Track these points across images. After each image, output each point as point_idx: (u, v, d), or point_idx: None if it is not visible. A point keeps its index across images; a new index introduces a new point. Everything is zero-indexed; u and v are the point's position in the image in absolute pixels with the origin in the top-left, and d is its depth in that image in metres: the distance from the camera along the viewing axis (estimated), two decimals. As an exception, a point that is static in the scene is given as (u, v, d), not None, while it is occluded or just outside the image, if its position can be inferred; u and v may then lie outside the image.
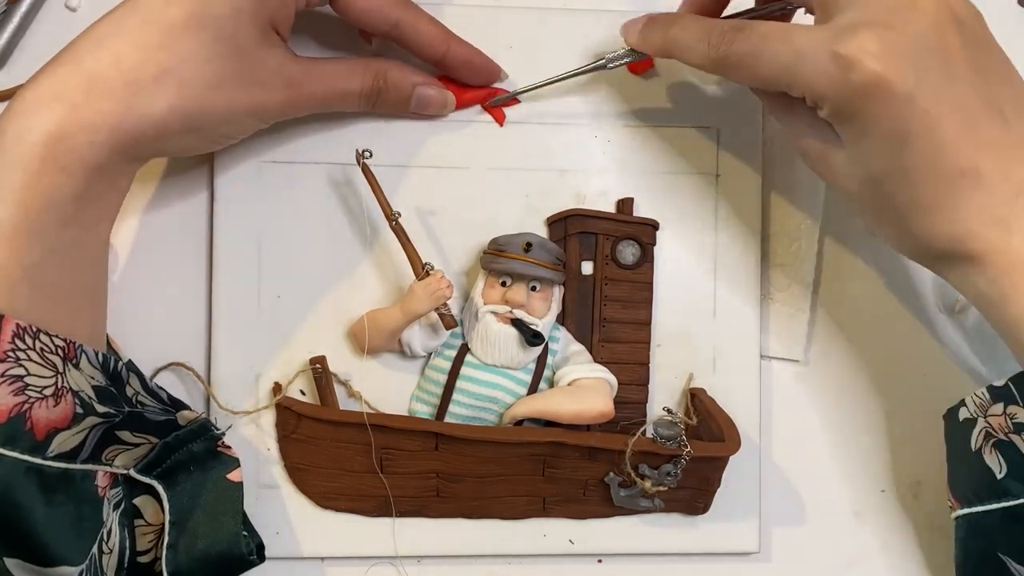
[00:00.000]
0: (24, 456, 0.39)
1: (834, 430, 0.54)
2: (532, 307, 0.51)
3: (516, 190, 0.53)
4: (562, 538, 0.53)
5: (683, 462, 0.49)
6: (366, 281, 0.52)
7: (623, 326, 0.53)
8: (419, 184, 0.53)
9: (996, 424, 0.45)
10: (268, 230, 0.52)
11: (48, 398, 0.40)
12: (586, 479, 0.51)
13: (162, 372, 0.51)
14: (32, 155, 0.39)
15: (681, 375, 0.54)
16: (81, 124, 0.40)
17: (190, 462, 0.46)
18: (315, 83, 0.47)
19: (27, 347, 0.39)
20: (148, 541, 0.47)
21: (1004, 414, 0.45)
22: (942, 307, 0.56)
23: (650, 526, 0.53)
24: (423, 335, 0.51)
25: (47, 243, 0.40)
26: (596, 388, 0.51)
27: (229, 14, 0.43)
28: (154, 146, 0.43)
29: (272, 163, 0.52)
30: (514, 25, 0.53)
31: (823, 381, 0.55)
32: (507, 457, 0.50)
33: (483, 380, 0.51)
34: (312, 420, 0.50)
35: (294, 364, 0.52)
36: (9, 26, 0.52)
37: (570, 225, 0.52)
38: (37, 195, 0.39)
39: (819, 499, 0.56)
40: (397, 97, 0.51)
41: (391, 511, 0.51)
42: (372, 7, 0.48)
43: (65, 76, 0.41)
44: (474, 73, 0.52)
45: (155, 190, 0.52)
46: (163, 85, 0.42)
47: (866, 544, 0.56)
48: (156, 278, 0.52)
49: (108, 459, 0.44)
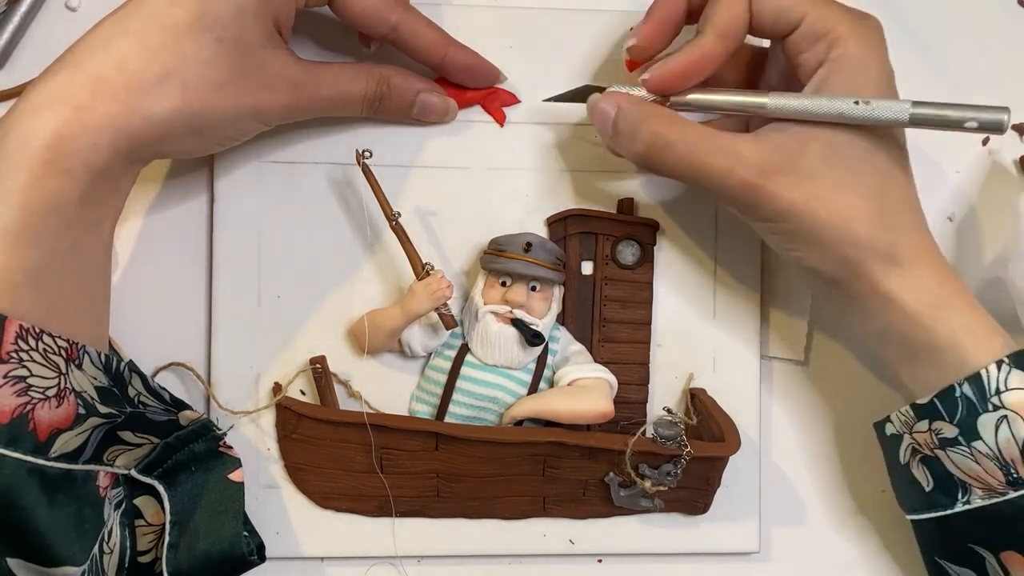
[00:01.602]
0: (26, 457, 0.39)
1: (834, 430, 0.54)
2: (532, 307, 0.51)
3: (516, 190, 0.53)
4: (562, 538, 0.53)
5: (683, 462, 0.49)
6: (366, 281, 0.52)
7: (623, 326, 0.53)
8: (419, 184, 0.53)
9: (922, 440, 0.47)
10: (268, 230, 0.52)
11: (51, 399, 0.40)
12: (586, 479, 0.51)
13: (162, 372, 0.51)
14: (35, 157, 0.39)
15: (681, 375, 0.54)
16: (85, 126, 0.40)
17: (191, 462, 0.46)
18: (318, 86, 0.47)
19: (30, 348, 0.39)
20: (148, 541, 0.47)
21: (929, 430, 0.46)
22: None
23: (650, 526, 0.53)
24: (423, 335, 0.51)
25: (50, 245, 0.40)
26: (596, 388, 0.51)
27: (233, 15, 0.42)
28: (157, 148, 0.43)
29: (272, 163, 0.52)
30: (514, 25, 0.53)
31: (823, 381, 0.55)
32: (507, 457, 0.50)
33: (483, 380, 0.51)
34: (312, 420, 0.50)
35: (294, 364, 0.52)
36: (9, 26, 0.52)
37: (570, 225, 0.52)
38: (40, 197, 0.39)
39: (819, 499, 0.56)
40: (400, 103, 0.50)
41: (391, 511, 0.51)
42: (370, 9, 0.47)
43: (69, 78, 0.41)
44: (473, 77, 0.52)
45: (155, 190, 0.52)
46: (167, 87, 0.42)
47: (866, 544, 0.56)
48: (156, 278, 0.52)
49: (110, 459, 0.44)
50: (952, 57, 0.57)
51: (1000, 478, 0.44)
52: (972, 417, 0.44)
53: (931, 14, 0.57)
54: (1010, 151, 0.56)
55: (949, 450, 0.45)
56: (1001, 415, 0.44)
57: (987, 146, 0.57)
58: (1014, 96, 0.57)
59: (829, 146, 0.45)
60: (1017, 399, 0.43)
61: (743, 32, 0.46)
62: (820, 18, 0.45)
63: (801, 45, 0.46)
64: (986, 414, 0.44)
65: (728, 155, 0.45)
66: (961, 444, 0.45)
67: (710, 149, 0.45)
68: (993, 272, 0.52)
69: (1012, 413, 0.43)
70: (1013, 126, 0.57)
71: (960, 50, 0.57)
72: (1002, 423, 0.44)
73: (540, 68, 0.53)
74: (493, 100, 0.53)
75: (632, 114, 0.46)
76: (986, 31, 0.57)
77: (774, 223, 0.46)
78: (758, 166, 0.45)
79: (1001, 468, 0.44)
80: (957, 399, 0.45)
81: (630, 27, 0.53)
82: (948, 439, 0.45)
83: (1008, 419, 0.43)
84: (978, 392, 0.44)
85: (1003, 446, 0.44)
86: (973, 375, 0.44)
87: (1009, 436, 0.43)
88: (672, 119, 0.46)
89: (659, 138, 0.46)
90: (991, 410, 0.44)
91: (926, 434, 0.46)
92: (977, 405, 0.44)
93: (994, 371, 0.44)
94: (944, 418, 0.45)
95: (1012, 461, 0.44)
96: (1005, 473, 0.44)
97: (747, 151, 0.45)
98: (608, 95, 0.48)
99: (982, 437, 0.44)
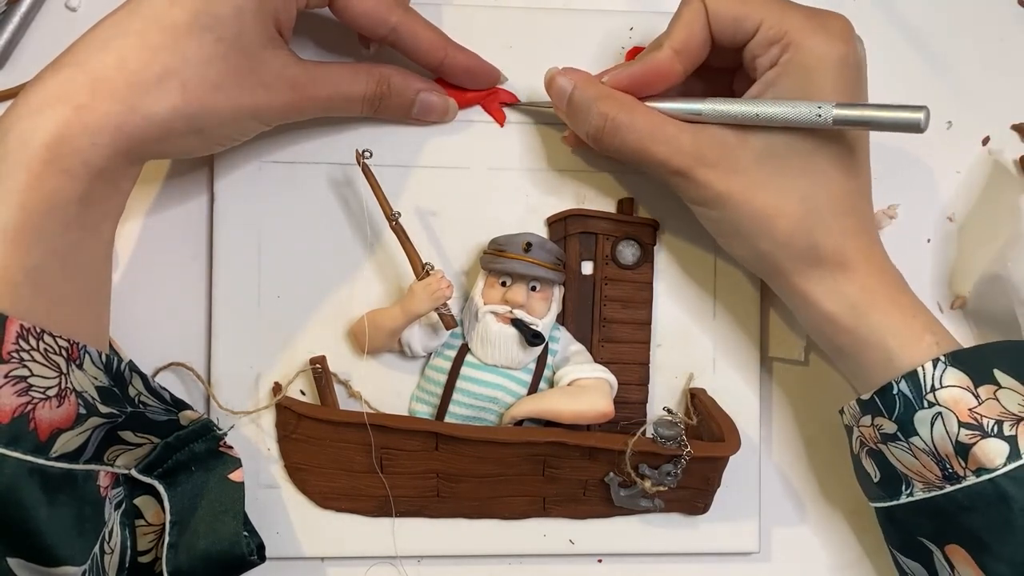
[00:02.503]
0: (27, 457, 0.39)
1: (834, 430, 0.54)
2: (532, 307, 0.51)
3: (516, 190, 0.53)
4: (562, 538, 0.53)
5: (683, 462, 0.49)
6: (366, 281, 0.52)
7: (623, 326, 0.53)
8: (419, 184, 0.53)
9: (867, 434, 0.48)
10: (268, 230, 0.52)
11: (51, 399, 0.40)
12: (586, 479, 0.51)
13: (162, 372, 0.51)
14: (35, 157, 0.39)
15: (681, 375, 0.54)
16: (84, 126, 0.40)
17: (191, 462, 0.46)
18: (318, 86, 0.47)
19: (31, 348, 0.39)
20: (149, 541, 0.47)
21: (872, 425, 0.47)
22: (941, 306, 0.56)
23: (650, 526, 0.53)
24: (423, 335, 0.51)
25: (50, 245, 0.40)
26: (596, 388, 0.51)
27: (233, 15, 0.42)
28: (157, 148, 0.43)
29: (272, 163, 0.52)
30: (514, 25, 0.53)
31: (823, 381, 0.55)
32: (507, 457, 0.50)
33: (483, 380, 0.51)
34: (312, 420, 0.50)
35: (294, 364, 0.52)
36: (9, 26, 0.52)
37: (570, 225, 0.52)
38: (40, 197, 0.39)
39: (819, 499, 0.56)
40: (399, 103, 0.51)
41: (391, 511, 0.51)
42: (370, 10, 0.47)
43: (69, 77, 0.41)
44: (473, 79, 0.52)
45: (155, 190, 0.52)
46: (167, 86, 0.42)
47: (866, 544, 0.56)
48: (156, 278, 0.52)
49: (110, 459, 0.44)
50: (952, 57, 0.57)
51: (937, 472, 0.45)
52: (909, 413, 0.45)
53: (931, 14, 0.57)
54: (1011, 151, 0.56)
55: (890, 444, 0.47)
56: (936, 412, 0.44)
57: (987, 146, 0.57)
58: (1014, 96, 0.57)
59: (767, 145, 0.46)
60: (951, 396, 0.44)
61: (702, 48, 0.47)
62: (775, 24, 0.45)
63: (756, 51, 0.46)
64: (922, 411, 0.45)
65: (669, 144, 0.47)
66: (900, 440, 0.46)
67: (655, 137, 0.47)
68: (993, 272, 0.52)
69: (946, 410, 0.44)
70: (1013, 126, 0.57)
71: (960, 50, 0.57)
72: (937, 420, 0.44)
73: (540, 68, 0.53)
74: (493, 100, 0.53)
75: (587, 93, 0.48)
76: (986, 31, 0.57)
77: (704, 208, 0.48)
78: (694, 156, 0.47)
79: (937, 463, 0.45)
80: (895, 396, 0.45)
81: (630, 27, 0.54)
82: (888, 434, 0.46)
83: (942, 416, 0.44)
84: (914, 389, 0.45)
85: (938, 442, 0.45)
86: (910, 372, 0.45)
87: (943, 433, 0.44)
88: (623, 102, 0.48)
89: (609, 121, 0.47)
90: (927, 407, 0.45)
91: (870, 428, 0.47)
92: (913, 402, 0.45)
93: (930, 369, 0.45)
94: (884, 414, 0.46)
95: (947, 457, 0.44)
96: (941, 468, 0.45)
97: (686, 142, 0.47)
98: (566, 71, 0.50)
99: (919, 433, 0.45)
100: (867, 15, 0.56)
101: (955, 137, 0.57)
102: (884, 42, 0.56)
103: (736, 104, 0.46)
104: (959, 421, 0.44)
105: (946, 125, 0.57)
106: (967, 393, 0.44)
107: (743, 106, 0.46)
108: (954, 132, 0.57)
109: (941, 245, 0.57)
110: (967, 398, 0.44)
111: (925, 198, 0.57)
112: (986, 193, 0.56)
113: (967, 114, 0.57)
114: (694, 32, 0.47)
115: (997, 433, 0.44)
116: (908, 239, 0.56)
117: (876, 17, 0.57)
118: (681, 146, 0.47)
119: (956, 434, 0.44)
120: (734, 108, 0.46)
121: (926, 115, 0.42)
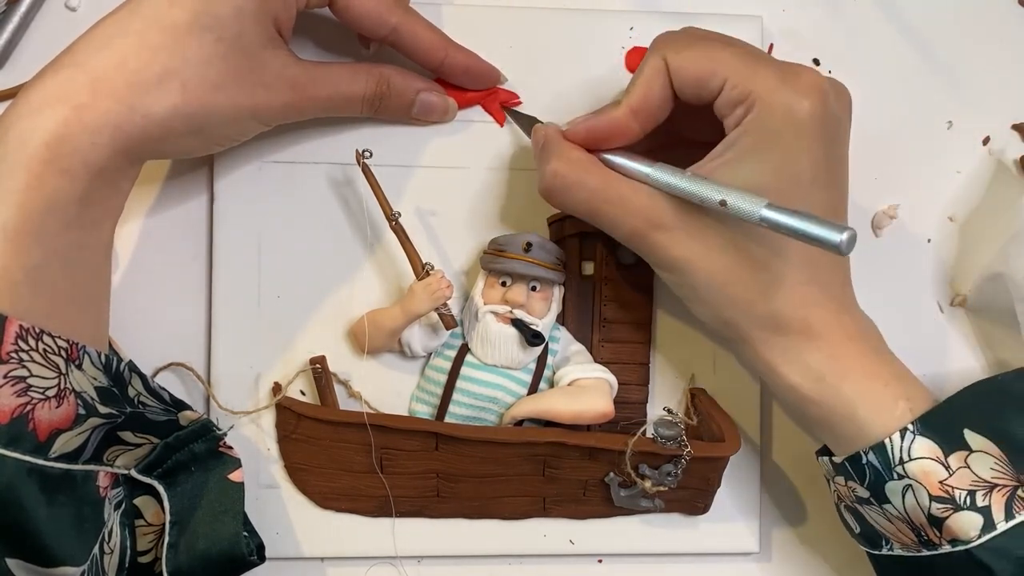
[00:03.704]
0: (26, 457, 0.39)
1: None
2: (532, 307, 0.51)
3: (516, 190, 0.53)
4: (562, 538, 0.53)
5: (683, 462, 0.49)
6: (366, 281, 0.52)
7: (623, 326, 0.53)
8: (419, 184, 0.53)
9: (843, 492, 0.47)
10: (268, 230, 0.52)
11: (51, 399, 0.40)
12: (586, 479, 0.51)
13: (162, 372, 0.51)
14: (34, 157, 0.39)
15: (681, 375, 0.54)
16: (84, 125, 0.40)
17: (191, 462, 0.46)
18: (318, 86, 0.47)
19: (30, 348, 0.39)
20: (148, 541, 0.47)
21: (847, 486, 0.46)
22: (942, 306, 0.56)
23: (650, 526, 0.53)
24: (423, 335, 0.51)
25: (49, 245, 0.40)
26: (596, 388, 0.51)
27: (233, 15, 0.42)
28: (156, 147, 0.43)
29: (272, 163, 0.52)
30: (514, 25, 0.53)
31: (823, 381, 0.55)
32: (507, 457, 0.50)
33: (483, 380, 0.51)
34: (312, 420, 0.50)
35: (294, 364, 0.52)
36: (9, 26, 0.52)
37: (570, 225, 0.52)
38: (39, 197, 0.39)
39: (819, 499, 0.56)
40: (399, 103, 0.50)
41: (391, 511, 0.51)
42: (370, 10, 0.47)
43: (69, 77, 0.41)
44: (473, 79, 0.52)
45: (155, 190, 0.52)
46: (166, 86, 0.42)
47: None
48: (156, 278, 0.52)
49: (109, 460, 0.44)
50: (952, 57, 0.57)
51: (913, 538, 0.45)
52: (880, 483, 0.44)
53: (931, 14, 0.57)
54: (1011, 151, 0.56)
55: (866, 507, 0.46)
56: (906, 484, 0.43)
57: (988, 146, 0.57)
58: (1014, 96, 0.57)
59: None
60: (920, 468, 0.43)
61: (660, 108, 0.46)
62: (739, 83, 0.43)
63: (722, 110, 0.44)
64: (892, 482, 0.44)
65: (621, 205, 0.46)
66: (874, 504, 0.45)
67: (607, 198, 0.46)
68: (994, 269, 0.52)
69: (916, 483, 0.43)
70: (1014, 126, 0.57)
71: (960, 50, 0.57)
72: (908, 491, 0.43)
73: (540, 68, 0.53)
74: (493, 100, 0.53)
75: (545, 149, 0.47)
76: (986, 31, 0.57)
77: (663, 272, 0.47)
78: (646, 218, 0.45)
79: (912, 531, 0.44)
80: (864, 466, 0.45)
81: (630, 27, 0.54)
82: (863, 498, 0.46)
83: (913, 488, 0.43)
84: (883, 461, 0.44)
85: (911, 512, 0.44)
86: (878, 444, 0.44)
87: (915, 504, 0.43)
88: (575, 161, 0.47)
89: (558, 179, 0.46)
90: (896, 479, 0.44)
91: (845, 488, 0.47)
92: (883, 473, 0.44)
93: (897, 440, 0.44)
94: (855, 480, 0.45)
95: (921, 526, 0.44)
96: (916, 535, 0.44)
97: (639, 203, 0.45)
98: (542, 127, 0.49)
99: (891, 502, 0.44)
100: (867, 15, 0.56)
101: (955, 137, 0.57)
102: (884, 42, 0.56)
103: (682, 179, 0.44)
104: (930, 495, 0.43)
105: (946, 125, 0.57)
106: (937, 465, 0.43)
107: (687, 183, 0.43)
108: (954, 132, 0.57)
109: (942, 245, 0.57)
110: (937, 470, 0.43)
111: (925, 198, 0.57)
112: (987, 193, 0.56)
113: (967, 114, 0.57)
114: (652, 91, 0.45)
115: (970, 505, 0.42)
116: (908, 239, 0.56)
117: (876, 17, 0.57)
118: (632, 207, 0.45)
119: (928, 507, 0.43)
120: (678, 182, 0.44)
121: (850, 237, 0.39)
